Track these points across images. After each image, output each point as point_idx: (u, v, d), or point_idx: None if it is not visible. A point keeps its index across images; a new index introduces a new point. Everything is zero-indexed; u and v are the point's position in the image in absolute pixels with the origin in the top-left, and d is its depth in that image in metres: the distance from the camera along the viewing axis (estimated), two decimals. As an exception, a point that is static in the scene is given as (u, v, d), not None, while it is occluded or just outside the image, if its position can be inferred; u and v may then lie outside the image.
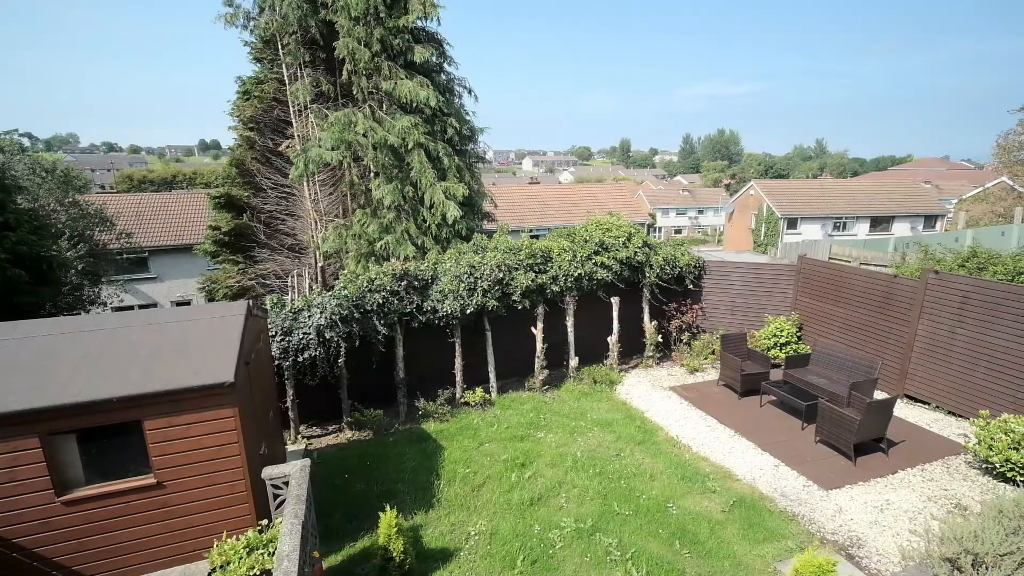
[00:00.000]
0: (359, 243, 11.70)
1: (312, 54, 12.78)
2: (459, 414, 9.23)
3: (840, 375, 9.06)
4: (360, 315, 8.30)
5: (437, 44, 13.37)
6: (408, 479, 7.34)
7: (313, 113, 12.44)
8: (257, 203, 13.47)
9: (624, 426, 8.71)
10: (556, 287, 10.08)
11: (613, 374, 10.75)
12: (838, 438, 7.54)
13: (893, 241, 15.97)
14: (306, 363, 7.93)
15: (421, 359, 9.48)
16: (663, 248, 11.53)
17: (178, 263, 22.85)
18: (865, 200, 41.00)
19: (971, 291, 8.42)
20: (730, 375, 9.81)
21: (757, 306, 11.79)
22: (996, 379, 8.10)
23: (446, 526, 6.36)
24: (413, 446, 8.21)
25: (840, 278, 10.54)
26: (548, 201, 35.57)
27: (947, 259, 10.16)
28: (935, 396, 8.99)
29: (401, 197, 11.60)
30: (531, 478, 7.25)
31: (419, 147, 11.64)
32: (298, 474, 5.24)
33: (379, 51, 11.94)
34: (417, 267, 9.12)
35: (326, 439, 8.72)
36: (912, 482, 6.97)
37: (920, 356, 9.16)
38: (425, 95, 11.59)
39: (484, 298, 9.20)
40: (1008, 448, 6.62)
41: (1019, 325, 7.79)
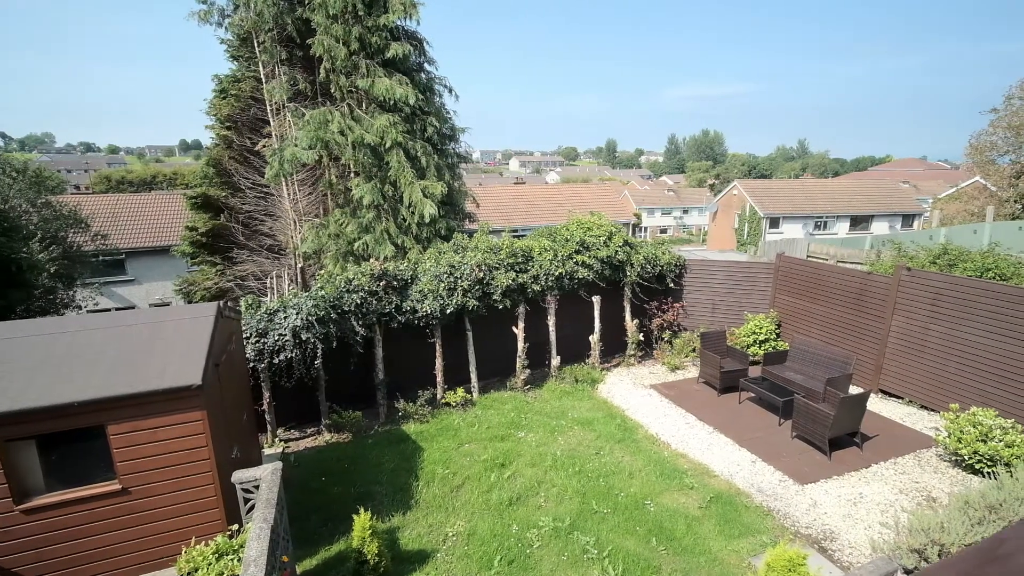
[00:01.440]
0: (338, 243, 11.57)
1: (289, 52, 12.62)
2: (440, 415, 9.17)
3: (816, 371, 9.19)
4: (337, 316, 8.20)
5: (417, 43, 13.31)
6: (386, 481, 7.27)
7: (290, 112, 12.28)
8: (235, 203, 13.27)
9: (605, 424, 8.73)
10: (537, 286, 10.07)
11: (595, 373, 10.77)
12: (813, 433, 7.64)
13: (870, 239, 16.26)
14: (282, 365, 7.81)
15: (401, 360, 9.40)
16: (644, 247, 11.59)
17: (157, 265, 22.43)
18: (845, 200, 41.71)
19: (943, 287, 8.58)
20: (710, 372, 9.89)
21: (737, 304, 11.90)
22: (967, 373, 8.27)
23: (424, 527, 6.31)
24: (392, 447, 8.13)
25: (817, 275, 10.68)
26: (534, 201, 35.63)
27: (920, 256, 10.35)
28: (908, 391, 9.15)
29: (380, 196, 11.50)
30: (510, 478, 7.22)
31: (398, 146, 11.56)
32: (269, 477, 5.14)
33: (357, 49, 11.84)
34: (396, 267, 9.05)
35: (304, 442, 8.60)
36: (885, 475, 7.08)
37: (894, 351, 9.31)
38: (403, 93, 11.51)
39: (464, 298, 9.15)
40: (976, 440, 6.75)
41: (990, 321, 7.96)
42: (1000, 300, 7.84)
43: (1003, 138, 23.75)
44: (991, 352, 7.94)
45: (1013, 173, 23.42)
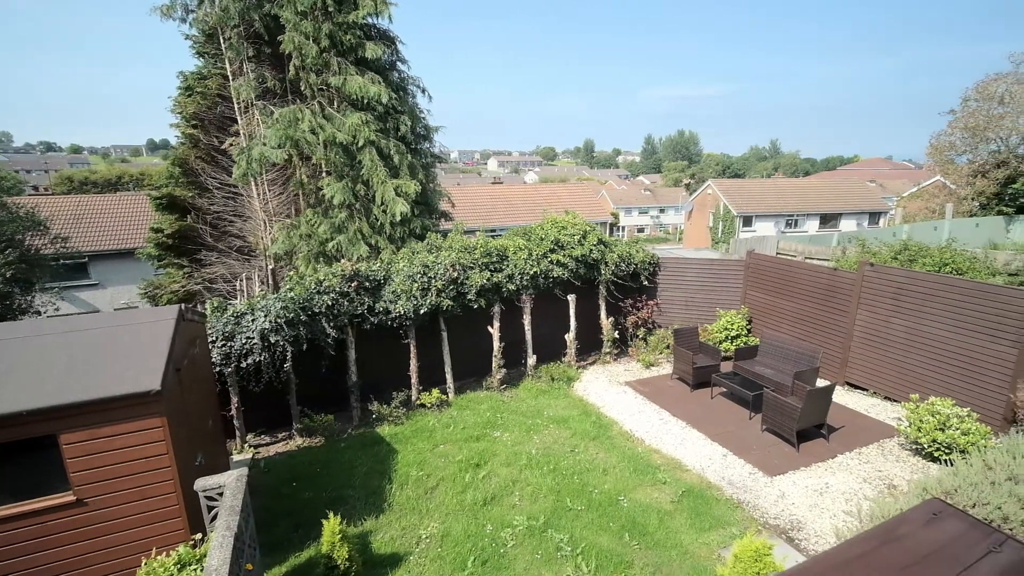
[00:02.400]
0: (310, 244, 11.37)
1: (257, 49, 12.35)
2: (415, 416, 9.09)
3: (785, 365, 9.39)
4: (308, 318, 8.05)
5: (389, 41, 13.17)
6: (359, 484, 7.16)
7: (259, 110, 12.02)
8: (203, 204, 12.91)
9: (580, 422, 8.77)
10: (512, 285, 10.05)
11: (571, 371, 10.81)
12: (782, 426, 7.81)
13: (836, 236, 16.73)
14: (250, 369, 7.62)
15: (375, 361, 9.28)
16: (618, 245, 11.68)
17: (122, 269, 21.68)
18: (815, 198, 42.87)
19: (904, 282, 8.86)
20: (683, 368, 10.02)
21: (710, 301, 12.09)
22: (927, 365, 8.56)
23: (397, 530, 6.23)
24: (365, 450, 8.02)
25: (786, 272, 10.92)
26: (512, 201, 35.66)
27: (882, 252, 10.68)
28: (872, 382, 9.43)
29: (352, 196, 11.34)
30: (485, 478, 7.19)
31: (370, 145, 11.41)
32: (233, 484, 5.00)
33: (328, 47, 11.65)
34: (368, 267, 8.93)
35: (275, 447, 8.42)
36: (850, 465, 7.27)
37: (859, 345, 9.59)
38: (376, 92, 11.37)
39: (438, 298, 9.09)
40: (934, 429, 6.99)
41: (947, 314, 8.25)
42: (956, 293, 8.14)
43: (961, 138, 24.72)
44: (948, 344, 8.24)
45: (970, 172, 24.38)
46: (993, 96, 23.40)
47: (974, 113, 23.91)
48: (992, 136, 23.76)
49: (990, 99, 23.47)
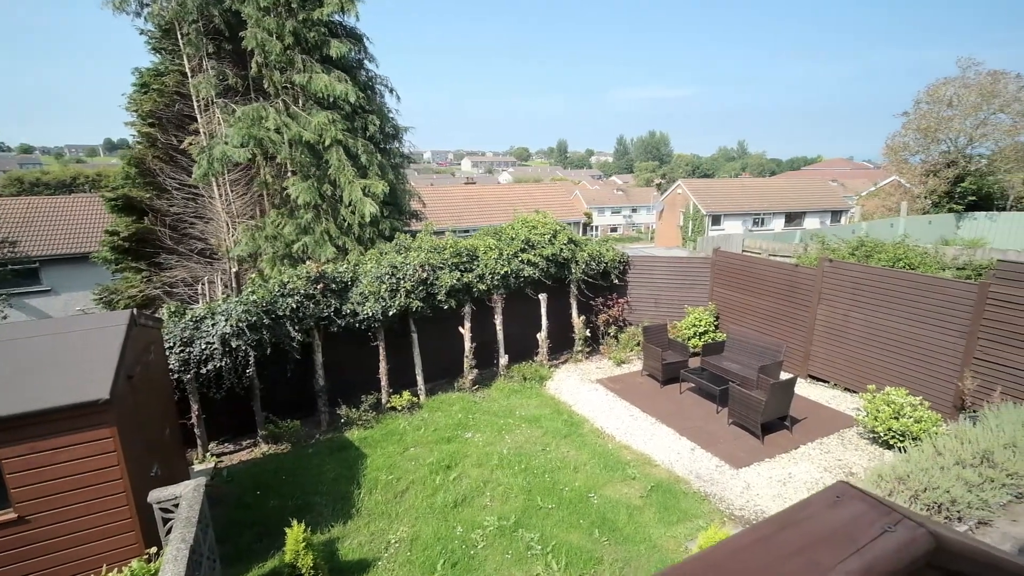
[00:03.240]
0: (275, 245, 11.09)
1: (217, 45, 11.99)
2: (385, 419, 8.96)
3: (751, 360, 9.61)
4: (271, 321, 7.83)
5: (356, 40, 12.97)
6: (327, 490, 7.01)
7: (220, 108, 11.66)
8: (161, 205, 12.45)
9: (551, 421, 8.79)
10: (483, 285, 10.01)
11: (543, 370, 10.84)
12: (747, 419, 7.99)
13: (799, 234, 17.26)
14: (211, 375, 7.38)
15: (343, 365, 9.11)
16: (588, 244, 11.77)
17: (77, 274, 20.71)
18: (780, 197, 44.17)
19: (861, 277, 9.18)
20: (652, 365, 10.16)
21: (678, 298, 12.29)
22: (883, 356, 8.89)
23: (365, 536, 6.12)
24: (334, 456, 7.86)
25: (751, 269, 11.19)
26: (486, 201, 35.60)
27: (841, 249, 11.05)
28: (833, 374, 9.75)
29: (319, 196, 11.11)
30: (456, 480, 7.14)
31: (338, 144, 11.20)
32: (190, 495, 4.83)
33: (292, 44, 11.38)
34: (335, 269, 8.76)
35: (239, 455, 8.17)
36: (812, 455, 7.50)
37: (820, 338, 9.89)
38: (343, 90, 11.17)
39: (408, 299, 8.98)
40: (890, 418, 7.27)
41: (902, 306, 8.58)
42: (909, 287, 8.48)
43: (914, 139, 25.80)
44: (902, 335, 8.58)
45: (923, 171, 25.48)
46: (942, 99, 24.51)
47: (925, 115, 25.00)
48: (942, 137, 24.88)
49: (940, 102, 24.57)
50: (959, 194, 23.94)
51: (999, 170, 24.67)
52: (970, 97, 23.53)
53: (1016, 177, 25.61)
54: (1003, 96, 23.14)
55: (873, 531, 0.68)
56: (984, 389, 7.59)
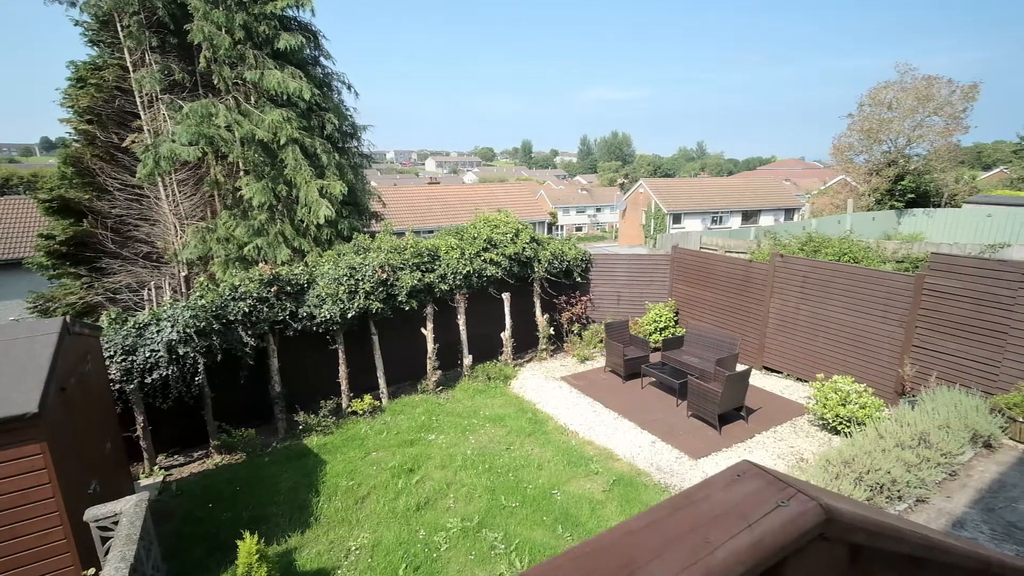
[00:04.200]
0: (227, 248, 10.67)
1: (161, 39, 11.44)
2: (346, 425, 8.74)
3: (709, 353, 9.88)
4: (222, 326, 7.52)
5: (311, 35, 12.62)
6: (284, 500, 6.78)
7: (165, 104, 11.13)
8: (102, 207, 11.76)
9: (516, 419, 8.78)
10: (445, 286, 9.92)
11: (508, 369, 10.83)
12: (705, 411, 8.20)
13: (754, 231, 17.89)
14: (156, 384, 7.02)
15: (301, 370, 8.85)
16: (551, 243, 11.83)
17: (10, 281, 19.37)
18: (737, 196, 45.68)
19: (809, 271, 9.58)
20: (615, 361, 10.30)
21: (639, 295, 12.52)
22: (831, 346, 9.30)
23: (324, 544, 5.95)
24: (291, 464, 7.61)
25: (708, 265, 11.50)
26: (450, 201, 35.35)
27: (791, 244, 11.50)
28: (786, 365, 10.13)
29: (273, 197, 10.75)
30: (419, 483, 7.03)
31: (293, 143, 10.87)
32: (131, 511, 4.57)
33: (243, 38, 10.98)
34: (290, 271, 8.49)
35: (190, 467, 7.81)
36: (766, 443, 7.76)
37: (773, 330, 10.26)
38: (297, 87, 10.85)
39: (367, 301, 8.79)
40: (837, 405, 7.60)
41: (847, 298, 8.99)
42: (853, 280, 8.90)
43: (858, 140, 27.19)
44: (847, 326, 8.99)
45: (867, 171, 26.88)
46: (883, 102, 25.93)
47: (868, 117, 26.39)
48: (883, 138, 26.33)
49: (880, 105, 25.99)
50: (899, 192, 25.37)
51: (935, 169, 26.29)
52: (907, 100, 24.97)
53: (949, 176, 27.35)
54: (936, 100, 24.66)
55: (767, 507, 0.68)
56: (922, 375, 8.04)
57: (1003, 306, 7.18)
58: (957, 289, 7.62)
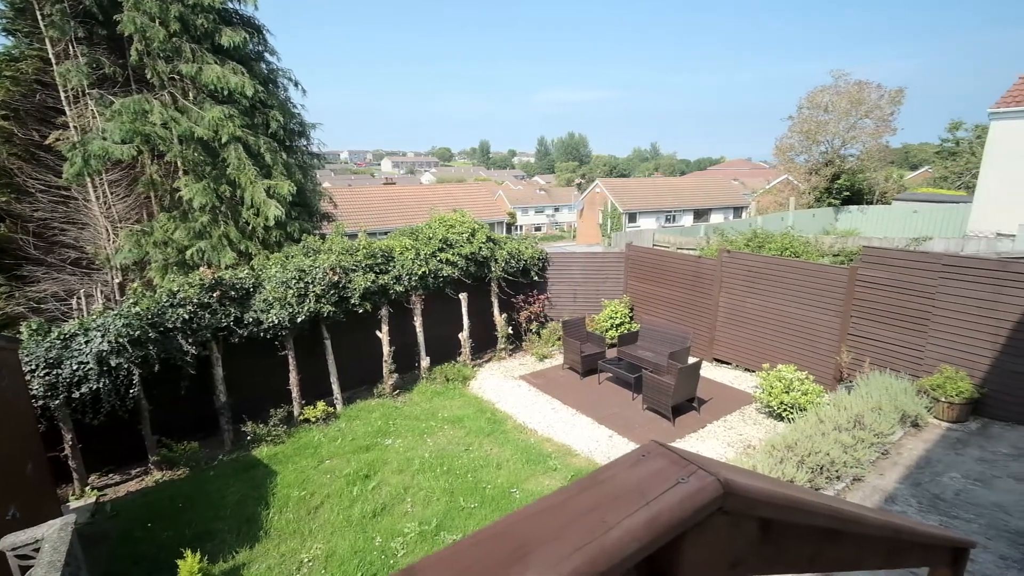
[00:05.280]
0: (165, 252, 10.10)
1: (88, 29, 10.71)
2: (298, 433, 8.44)
3: (663, 347, 10.13)
4: (159, 335, 7.10)
5: (254, 29, 12.13)
6: (230, 515, 6.47)
7: (94, 100, 10.42)
8: (23, 210, 10.87)
9: (475, 420, 8.73)
10: (400, 287, 9.74)
11: (466, 370, 10.75)
12: (659, 403, 8.40)
13: (703, 228, 18.52)
14: (86, 399, 6.54)
15: (249, 378, 8.47)
16: (508, 243, 11.83)
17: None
18: (689, 195, 47.26)
19: (754, 265, 9.99)
20: (572, 358, 10.41)
21: (595, 292, 12.71)
22: (775, 336, 9.73)
23: (275, 558, 5.71)
24: (239, 476, 7.27)
25: (660, 262, 11.81)
26: (407, 202, 34.85)
27: (737, 240, 11.97)
28: (735, 357, 10.52)
29: (216, 198, 10.26)
30: (375, 489, 6.87)
31: (236, 141, 10.40)
32: (55, 536, 4.23)
33: (179, 31, 10.41)
34: (234, 275, 8.11)
35: (127, 485, 7.34)
36: (717, 432, 8.03)
37: (722, 323, 10.64)
38: (239, 83, 10.39)
39: (318, 304, 8.52)
40: (782, 393, 7.96)
41: (788, 290, 9.43)
42: (795, 273, 9.34)
43: (798, 141, 28.63)
44: (790, 317, 9.43)
45: (807, 170, 28.35)
46: (820, 105, 27.42)
47: (807, 119, 27.84)
48: (821, 139, 27.84)
49: (817, 107, 27.48)
50: (836, 190, 26.90)
51: (867, 168, 28.05)
52: (841, 103, 26.51)
53: (880, 175, 29.25)
54: (867, 103, 26.30)
55: (667, 484, 0.67)
56: (857, 361, 8.53)
57: (926, 294, 7.71)
58: (886, 279, 8.13)
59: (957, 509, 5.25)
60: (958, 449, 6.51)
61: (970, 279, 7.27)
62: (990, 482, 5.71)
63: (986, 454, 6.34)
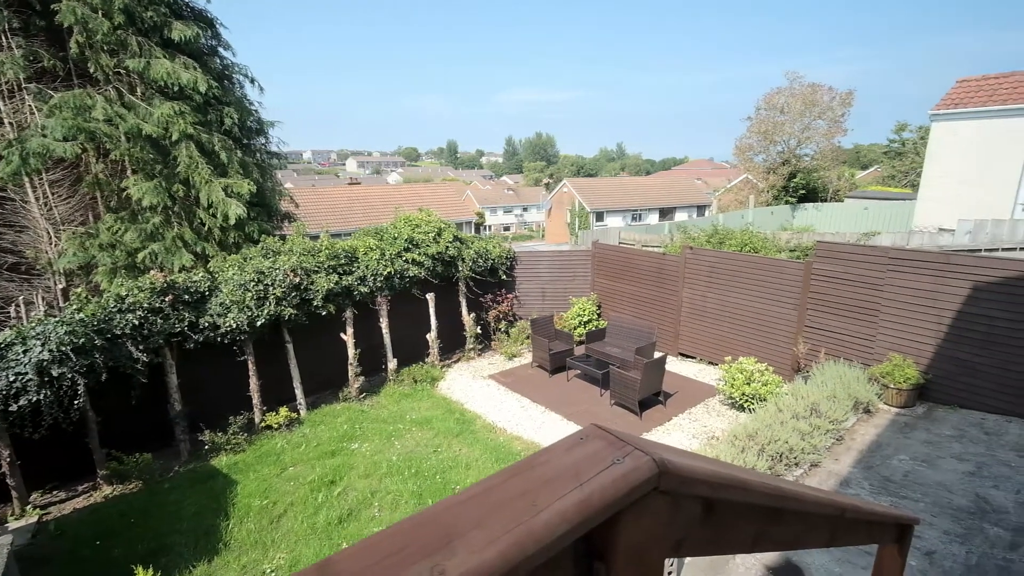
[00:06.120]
0: (113, 255, 9.59)
1: (24, 20, 10.06)
2: (259, 440, 8.16)
3: (629, 343, 10.28)
4: (106, 342, 6.73)
5: (207, 23, 11.66)
6: (187, 528, 6.19)
7: (32, 95, 9.81)
8: (-47, 212, 10.13)
9: (443, 421, 8.64)
10: (365, 288, 9.56)
11: (435, 371, 10.64)
12: (626, 398, 8.52)
13: (667, 226, 18.93)
14: (25, 412, 6.14)
15: (206, 385, 8.14)
16: (475, 242, 11.77)
17: None
18: (655, 194, 48.23)
19: (715, 261, 10.25)
20: (541, 356, 10.45)
21: (563, 290, 12.79)
22: (736, 330, 10.01)
23: (235, 571, 5.50)
24: (196, 488, 6.98)
25: (626, 259, 11.98)
26: (373, 202, 34.29)
27: (699, 237, 12.27)
28: (698, 351, 10.78)
29: (168, 197, 9.81)
30: (340, 495, 6.71)
31: (188, 139, 9.98)
32: (-12, 559, 3.95)
33: (124, 23, 9.89)
34: (188, 278, 7.77)
35: (74, 502, 6.93)
36: (682, 424, 8.20)
37: (686, 318, 10.88)
38: (191, 78, 9.97)
39: (279, 307, 8.26)
40: (743, 384, 8.19)
41: (748, 285, 9.72)
42: (754, 268, 9.63)
43: (757, 141, 29.63)
44: (750, 310, 9.73)
45: (765, 169, 29.37)
46: (776, 106, 28.46)
47: (764, 120, 28.85)
48: (778, 139, 28.90)
49: (774, 109, 28.51)
50: (792, 188, 27.95)
51: (821, 167, 29.27)
52: (796, 105, 27.57)
53: (833, 173, 30.57)
54: (820, 105, 27.45)
55: (601, 466, 0.65)
56: (813, 351, 8.86)
57: (875, 286, 8.08)
58: (838, 273, 8.47)
59: (906, 489, 5.50)
60: (906, 433, 6.83)
61: (914, 271, 7.65)
62: (935, 462, 6.02)
63: (931, 436, 6.68)
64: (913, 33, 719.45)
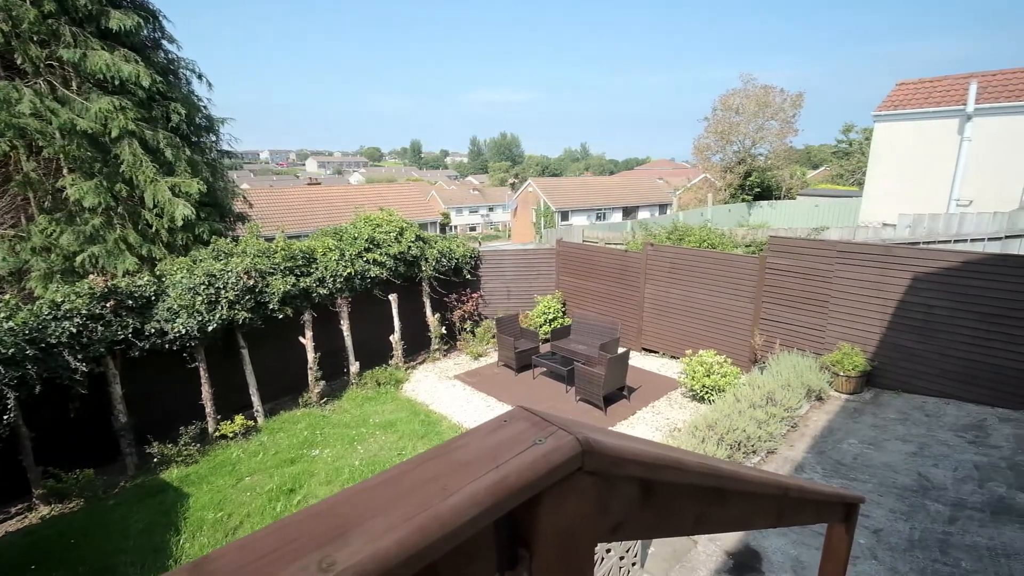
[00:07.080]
0: (48, 259, 8.99)
1: (-60, 7, 9.29)
2: (213, 451, 7.80)
3: (594, 339, 10.38)
4: (40, 351, 6.28)
5: (149, 15, 11.06)
6: (134, 546, 5.85)
7: (-49, 88, 9.07)
8: None
9: (408, 423, 8.49)
10: (324, 290, 9.29)
11: (399, 373, 10.45)
12: (591, 394, 8.59)
13: (630, 224, 19.24)
14: (-54, 429, 5.66)
15: (154, 394, 7.73)
16: (438, 242, 11.63)
17: None
18: (618, 194, 49.02)
19: (675, 257, 10.47)
20: (506, 354, 10.41)
21: (528, 288, 12.81)
22: (696, 324, 10.25)
23: (186, 589, 5.21)
24: (144, 503, 6.61)
25: (589, 256, 12.10)
26: (334, 203, 33.48)
27: (660, 235, 12.52)
28: (661, 345, 10.99)
29: (111, 197, 9.26)
30: (300, 503, 6.48)
31: (131, 135, 9.45)
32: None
33: (55, 11, 9.28)
34: (131, 282, 7.35)
35: (5, 525, 6.44)
36: (646, 418, 8.33)
37: (649, 314, 11.07)
38: (133, 71, 9.44)
39: (231, 311, 7.91)
40: (703, 376, 8.39)
41: (707, 280, 9.96)
42: (711, 263, 9.89)
43: (714, 141, 30.54)
44: (709, 304, 9.98)
45: (722, 168, 30.30)
46: (732, 107, 29.41)
47: (720, 121, 29.76)
48: (733, 139, 29.87)
49: (730, 109, 29.45)
50: (748, 187, 28.95)
51: (775, 167, 30.43)
52: (750, 106, 28.56)
53: (786, 172, 31.82)
54: (773, 106, 28.53)
55: (521, 447, 0.60)
56: (768, 343, 9.17)
57: (825, 278, 8.42)
58: (790, 266, 8.79)
59: (855, 472, 5.75)
60: (855, 418, 7.15)
61: (860, 263, 8.02)
62: (881, 445, 6.32)
63: (878, 420, 7.01)
64: (863, 38, 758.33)
